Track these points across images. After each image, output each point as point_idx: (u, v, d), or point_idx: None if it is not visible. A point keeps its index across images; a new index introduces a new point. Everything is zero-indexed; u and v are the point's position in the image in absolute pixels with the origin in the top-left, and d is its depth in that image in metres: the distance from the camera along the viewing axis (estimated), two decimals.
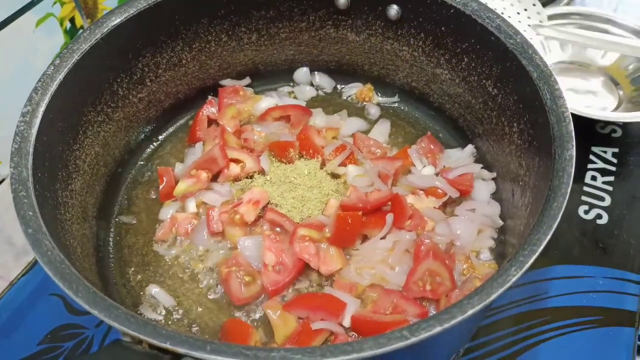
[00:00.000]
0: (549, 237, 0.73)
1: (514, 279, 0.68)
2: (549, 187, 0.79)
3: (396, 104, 1.34)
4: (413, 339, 0.62)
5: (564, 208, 0.76)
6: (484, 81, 1.09)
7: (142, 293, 1.05)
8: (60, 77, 0.95)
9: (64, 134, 0.98)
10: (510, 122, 1.04)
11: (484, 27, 1.02)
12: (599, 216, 1.25)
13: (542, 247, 0.71)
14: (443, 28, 1.12)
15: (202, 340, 0.63)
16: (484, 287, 0.68)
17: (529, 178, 0.96)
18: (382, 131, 1.28)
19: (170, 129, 1.30)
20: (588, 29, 1.48)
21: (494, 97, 1.07)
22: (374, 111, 1.33)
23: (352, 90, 1.36)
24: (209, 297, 1.04)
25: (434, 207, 1.11)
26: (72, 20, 1.36)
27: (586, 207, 1.27)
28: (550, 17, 1.49)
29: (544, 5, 1.51)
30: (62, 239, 0.86)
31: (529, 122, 0.97)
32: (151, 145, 1.26)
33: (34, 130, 0.88)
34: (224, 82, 1.31)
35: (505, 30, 1.00)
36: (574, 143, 0.83)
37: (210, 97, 1.30)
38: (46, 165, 0.89)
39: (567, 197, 0.77)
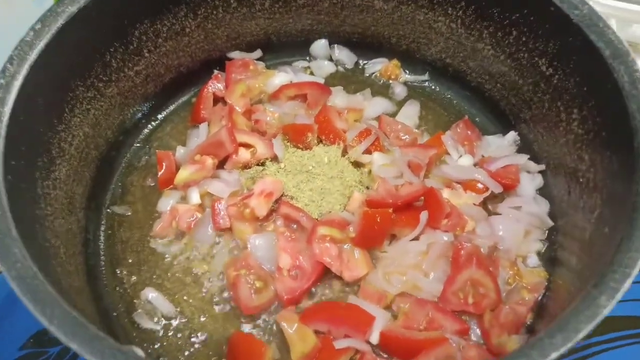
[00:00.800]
0: None
1: (605, 311, 0.54)
2: (636, 192, 0.65)
3: (426, 83, 1.18)
4: None
5: None
6: (537, 59, 0.94)
7: (137, 298, 0.91)
8: (41, 44, 0.80)
9: (47, 112, 0.84)
10: (568, 108, 0.89)
11: None
12: None
13: (637, 269, 0.57)
14: None
15: None
16: (569, 320, 0.53)
17: (594, 175, 0.81)
18: (410, 114, 1.13)
19: (171, 107, 1.15)
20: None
21: (549, 78, 0.92)
22: (399, 90, 1.18)
23: (377, 66, 1.21)
24: (214, 304, 0.91)
25: (474, 204, 0.96)
26: None
27: None
28: None
29: None
30: (40, 239, 0.72)
31: (596, 109, 0.82)
32: (149, 125, 1.12)
33: (7, 109, 0.74)
34: (232, 54, 1.16)
35: (569, 0, 0.84)
36: None
37: (216, 72, 1.15)
38: (22, 151, 0.75)
39: None
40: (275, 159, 1.04)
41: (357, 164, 1.03)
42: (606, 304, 0.54)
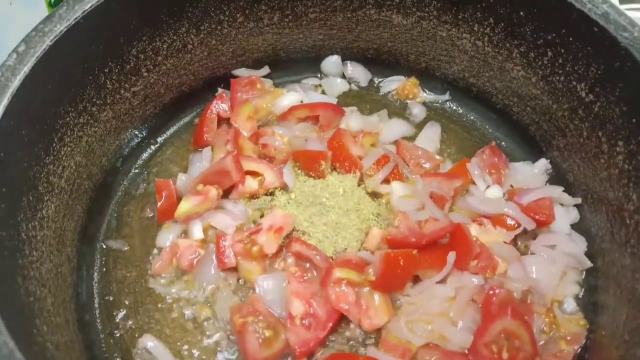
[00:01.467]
0: None
1: None
2: None
3: (447, 104, 1.10)
4: None
5: None
6: (575, 83, 0.85)
7: (133, 346, 0.83)
8: (26, 69, 0.73)
9: (32, 144, 0.76)
10: (612, 139, 0.80)
11: (584, 14, 0.79)
12: None
13: None
14: (522, 13, 0.88)
15: None
16: None
17: None
18: (431, 137, 1.05)
19: (172, 129, 1.07)
20: None
21: (588, 105, 0.84)
22: (417, 111, 1.10)
23: (393, 84, 1.12)
24: (219, 354, 0.82)
25: (504, 242, 0.88)
26: None
27: None
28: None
29: None
30: (23, 296, 0.64)
31: None
32: (148, 150, 1.04)
33: None
34: (237, 71, 1.09)
35: (616, 20, 0.76)
36: None
37: (220, 90, 1.07)
38: (3, 192, 0.66)
39: None
40: (285, 188, 0.96)
41: (374, 195, 0.96)
42: None
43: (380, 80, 1.13)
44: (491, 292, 0.80)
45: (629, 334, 0.68)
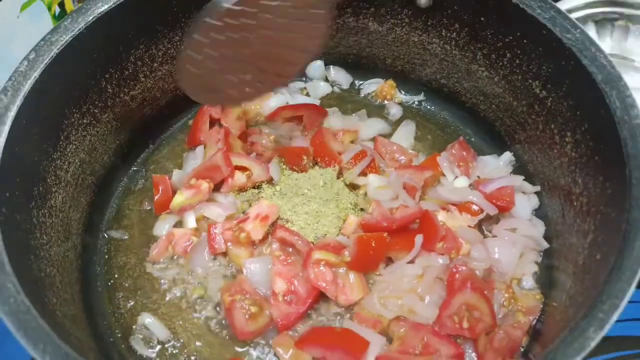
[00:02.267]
0: (633, 286, 0.59)
1: (593, 343, 0.54)
2: (627, 220, 0.65)
3: (422, 104, 1.18)
4: None
5: None
6: (530, 81, 0.94)
7: (133, 323, 0.91)
8: (36, 74, 0.81)
9: (42, 141, 0.84)
10: (562, 131, 0.89)
11: (534, 18, 0.87)
12: None
13: (625, 300, 0.57)
14: (482, 18, 0.96)
15: None
16: (557, 353, 0.53)
17: (588, 199, 0.81)
18: (406, 134, 1.13)
19: (168, 130, 1.15)
20: (632, 17, 1.33)
21: (542, 100, 0.93)
22: (395, 111, 1.18)
23: (372, 86, 1.21)
24: (210, 328, 0.91)
25: (469, 226, 0.96)
26: (61, 4, 1.21)
27: None
28: (591, 5, 1.33)
29: None
30: (35, 270, 0.72)
31: (589, 133, 0.82)
32: (146, 149, 1.12)
33: (1, 141, 0.74)
34: None
35: (562, 23, 0.85)
36: None
37: None
38: (17, 182, 0.76)
39: None
40: (271, 181, 1.04)
41: (353, 187, 1.04)
42: (594, 335, 0.54)
43: (360, 82, 1.22)
44: (454, 269, 0.89)
45: (570, 300, 0.76)
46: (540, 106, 0.94)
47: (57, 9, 1.23)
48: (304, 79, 1.22)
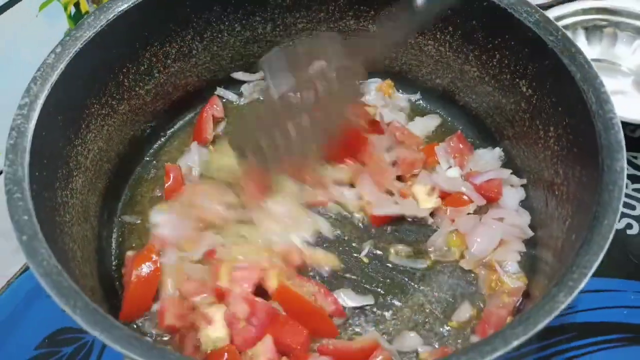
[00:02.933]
0: (600, 258, 0.66)
1: (562, 306, 0.61)
2: (597, 202, 0.72)
3: (418, 101, 1.26)
4: None
5: (615, 226, 0.69)
6: (518, 80, 1.01)
7: None
8: (62, 66, 0.88)
9: (65, 128, 0.91)
10: (546, 126, 0.96)
11: (520, 22, 0.94)
12: (630, 226, 1.16)
13: (593, 270, 0.64)
14: (474, 22, 1.04)
15: None
16: (530, 314, 0.61)
17: (567, 188, 0.88)
18: (424, 125, 1.22)
19: (178, 123, 1.22)
20: (619, 25, 1.40)
21: (529, 98, 1.00)
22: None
23: (372, 85, 1.27)
24: None
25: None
26: (76, 5, 1.29)
27: None
28: (580, 12, 1.41)
29: None
30: (61, 243, 0.79)
31: (569, 127, 0.89)
32: (158, 141, 1.19)
33: (32, 125, 0.81)
34: (236, 75, 1.24)
35: (545, 26, 0.92)
36: (624, 154, 0.76)
37: (215, 94, 1.23)
38: (45, 163, 0.82)
39: (618, 214, 0.70)
40: None
41: None
42: (564, 299, 0.61)
43: (360, 82, 1.29)
44: None
45: (548, 280, 0.83)
46: (526, 103, 1.01)
47: (72, 9, 1.31)
48: None
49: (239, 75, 1.24)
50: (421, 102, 1.26)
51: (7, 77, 1.07)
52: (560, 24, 1.30)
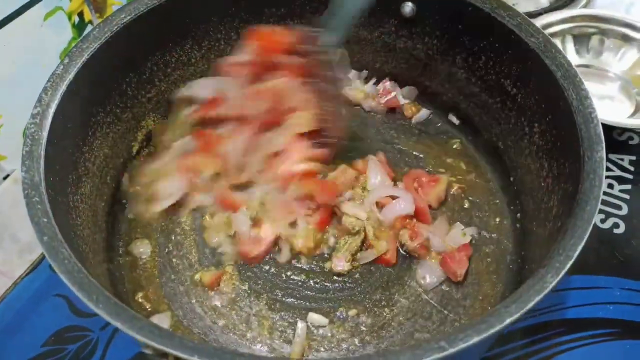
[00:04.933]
0: (584, 241, 0.71)
1: (551, 286, 0.66)
2: (580, 190, 0.77)
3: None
4: (451, 350, 0.60)
5: (597, 211, 0.74)
6: (503, 80, 1.07)
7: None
8: (70, 77, 0.92)
9: (74, 135, 0.95)
10: (530, 122, 1.01)
11: (503, 25, 1.00)
12: (616, 225, 1.21)
13: (577, 252, 0.70)
14: (460, 26, 1.09)
15: (232, 352, 0.60)
16: (521, 294, 0.66)
17: (553, 179, 0.94)
18: None
19: None
20: (606, 32, 1.46)
21: (514, 97, 1.05)
22: None
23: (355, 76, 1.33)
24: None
25: None
26: (80, 14, 1.33)
27: (603, 216, 1.22)
28: (568, 20, 1.47)
29: (561, 7, 1.49)
30: (75, 245, 0.83)
31: (552, 123, 0.95)
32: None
33: (45, 133, 0.85)
34: None
35: (526, 29, 0.98)
36: (604, 145, 0.81)
37: None
38: (57, 169, 0.86)
39: (599, 200, 0.75)
40: None
41: None
42: (551, 280, 0.66)
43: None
44: None
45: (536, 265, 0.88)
46: (512, 102, 1.07)
47: (76, 19, 1.34)
48: None
49: None
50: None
51: (14, 84, 1.11)
52: (549, 31, 1.41)
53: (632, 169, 1.31)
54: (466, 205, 1.12)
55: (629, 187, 1.28)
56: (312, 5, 1.19)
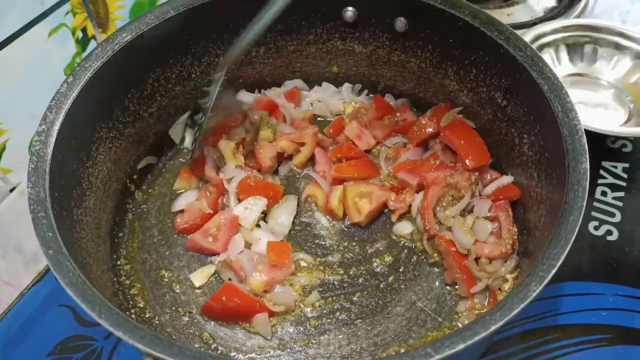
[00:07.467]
0: (567, 251, 0.74)
1: (534, 294, 0.69)
2: (564, 201, 0.80)
3: None
4: (437, 356, 0.63)
5: (580, 222, 0.77)
6: (493, 92, 1.10)
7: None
8: (74, 95, 0.95)
9: (78, 151, 0.98)
10: (520, 134, 1.04)
11: (493, 40, 1.03)
12: (609, 232, 1.21)
13: (560, 261, 0.72)
14: (451, 40, 1.12)
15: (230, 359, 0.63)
16: (506, 302, 0.68)
17: (541, 190, 0.97)
18: None
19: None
20: (599, 41, 1.48)
21: (504, 109, 1.08)
22: None
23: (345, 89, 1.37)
24: None
25: None
26: (83, 30, 1.36)
27: (596, 223, 1.23)
28: (561, 30, 1.49)
29: (555, 17, 1.51)
30: (80, 257, 0.86)
31: (540, 134, 0.98)
32: (159, 161, 1.27)
33: (50, 150, 0.88)
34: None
35: (515, 43, 1.01)
36: (588, 156, 0.84)
37: None
38: (62, 184, 0.90)
39: (583, 211, 0.78)
40: None
41: None
42: (535, 288, 0.69)
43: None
44: None
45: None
46: (502, 114, 1.09)
47: (80, 34, 1.38)
48: None
49: (242, 95, 1.33)
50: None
51: (20, 98, 1.14)
52: (542, 41, 1.43)
53: (625, 176, 1.33)
54: None
55: (622, 194, 1.29)
56: (309, 20, 1.22)
